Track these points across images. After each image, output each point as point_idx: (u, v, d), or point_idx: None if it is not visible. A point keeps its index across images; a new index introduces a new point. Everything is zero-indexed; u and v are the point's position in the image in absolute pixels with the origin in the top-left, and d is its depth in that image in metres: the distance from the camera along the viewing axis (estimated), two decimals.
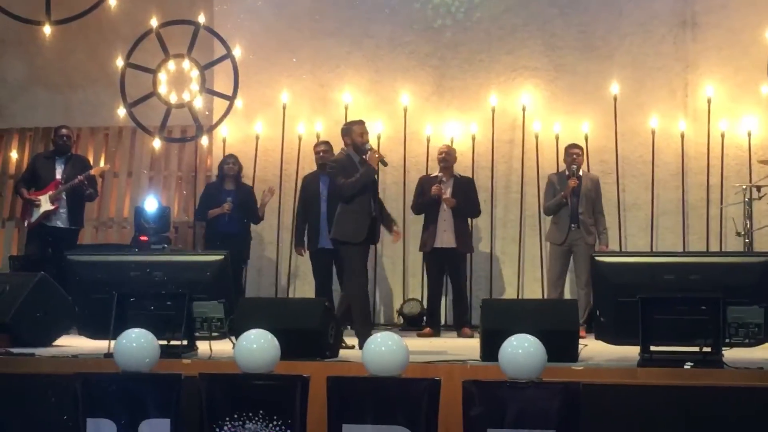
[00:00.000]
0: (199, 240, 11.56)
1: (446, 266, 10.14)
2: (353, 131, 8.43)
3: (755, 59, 10.61)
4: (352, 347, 7.72)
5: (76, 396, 5.71)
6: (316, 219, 10.11)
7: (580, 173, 9.97)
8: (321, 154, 10.32)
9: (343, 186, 8.25)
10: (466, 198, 10.18)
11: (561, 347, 6.40)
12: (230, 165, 10.70)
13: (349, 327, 8.43)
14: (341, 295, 8.48)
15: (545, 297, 10.33)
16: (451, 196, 10.06)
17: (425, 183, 10.24)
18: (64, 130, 10.76)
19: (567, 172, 10.01)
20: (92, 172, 10.66)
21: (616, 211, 10.91)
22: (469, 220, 10.51)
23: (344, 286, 8.43)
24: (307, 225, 10.27)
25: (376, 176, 8.49)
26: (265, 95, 11.75)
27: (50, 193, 10.47)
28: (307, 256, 10.34)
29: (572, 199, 9.88)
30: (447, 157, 10.24)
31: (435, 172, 10.41)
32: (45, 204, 10.43)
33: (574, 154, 10.05)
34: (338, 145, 10.03)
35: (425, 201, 10.12)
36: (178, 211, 12.18)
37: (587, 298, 9.39)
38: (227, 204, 10.42)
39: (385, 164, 8.54)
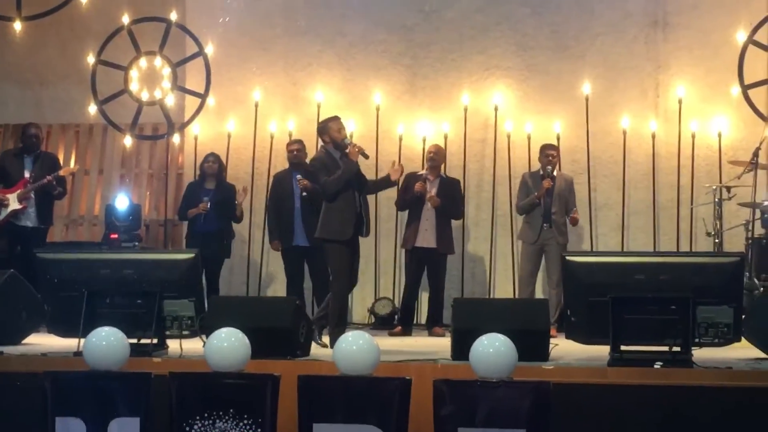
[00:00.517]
0: (179, 239, 11.47)
1: (425, 266, 10.12)
2: (330, 128, 8.36)
3: (726, 60, 10.66)
4: (326, 345, 7.70)
5: (45, 394, 5.68)
6: (290, 217, 10.08)
7: (555, 174, 9.98)
8: (294, 152, 10.29)
9: (326, 184, 8.16)
10: (450, 199, 10.15)
11: (532, 346, 6.43)
12: (209, 163, 10.62)
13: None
14: (328, 296, 8.37)
15: (516, 296, 10.35)
16: (436, 195, 10.03)
17: (411, 180, 10.15)
18: (32, 129, 10.61)
19: (541, 172, 10.01)
20: (61, 173, 10.51)
21: (588, 211, 10.94)
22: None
23: (330, 285, 8.33)
24: (278, 222, 10.25)
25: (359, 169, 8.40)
26: (238, 93, 11.70)
27: (18, 191, 10.35)
28: (279, 253, 10.32)
29: (546, 199, 9.87)
30: (435, 157, 10.17)
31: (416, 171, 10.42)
32: (13, 203, 10.31)
33: (550, 155, 10.02)
34: (311, 143, 10.05)
35: (409, 198, 10.10)
36: (149, 209, 12.12)
37: (558, 298, 9.39)
38: (203, 204, 10.37)
39: (366, 156, 8.43)
